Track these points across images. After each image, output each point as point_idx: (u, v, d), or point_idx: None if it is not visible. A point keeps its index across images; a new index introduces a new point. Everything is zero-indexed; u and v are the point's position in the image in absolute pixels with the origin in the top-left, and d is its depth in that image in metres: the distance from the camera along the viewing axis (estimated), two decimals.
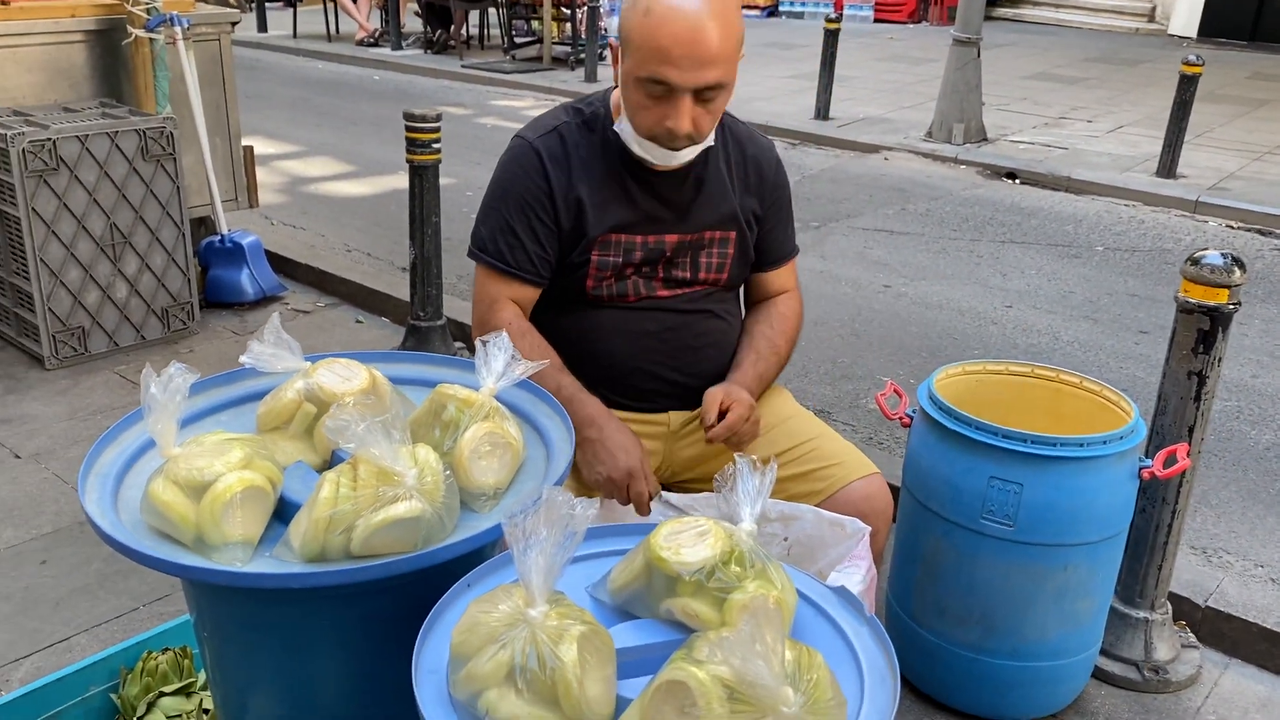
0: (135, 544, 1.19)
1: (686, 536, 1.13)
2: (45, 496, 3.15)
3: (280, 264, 4.88)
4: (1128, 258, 5.51)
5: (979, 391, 2.42)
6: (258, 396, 1.50)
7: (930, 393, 2.29)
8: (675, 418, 2.03)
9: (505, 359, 1.43)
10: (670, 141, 1.79)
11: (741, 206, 1.99)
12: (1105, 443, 2.13)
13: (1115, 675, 2.46)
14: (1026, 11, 14.70)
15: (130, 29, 4.10)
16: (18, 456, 3.37)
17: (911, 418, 2.36)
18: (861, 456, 2.04)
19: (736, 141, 2.00)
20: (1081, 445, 2.12)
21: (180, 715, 1.80)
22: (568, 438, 1.47)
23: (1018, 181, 6.94)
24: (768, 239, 2.06)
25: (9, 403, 3.71)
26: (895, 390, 2.41)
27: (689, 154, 1.84)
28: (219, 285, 4.54)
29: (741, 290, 2.16)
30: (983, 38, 7.48)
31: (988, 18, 9.14)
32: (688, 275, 1.99)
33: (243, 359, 1.41)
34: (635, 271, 1.95)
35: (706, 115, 1.77)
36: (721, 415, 1.88)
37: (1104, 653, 2.47)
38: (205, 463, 1.22)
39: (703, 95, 1.74)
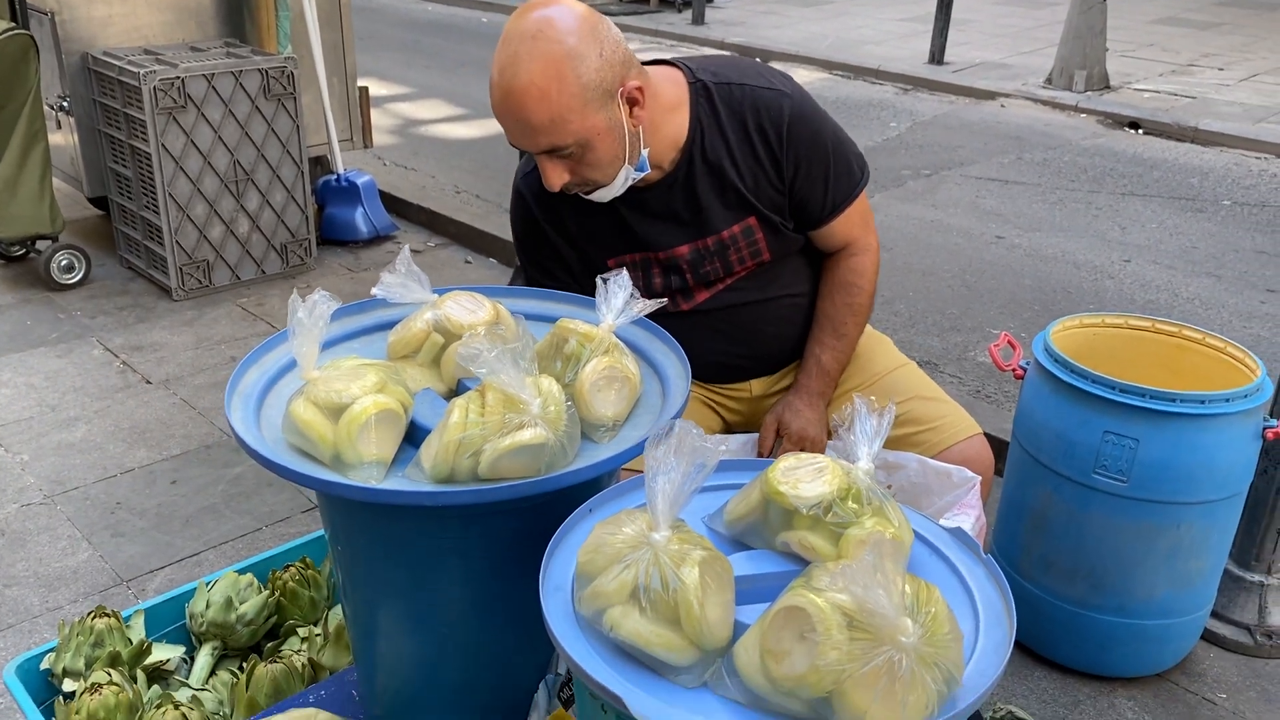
0: (279, 459, 1.26)
1: (804, 472, 1.15)
2: (174, 420, 3.32)
3: (392, 204, 4.99)
4: (1257, 212, 5.27)
5: (1096, 345, 2.37)
6: (387, 326, 1.56)
7: (1046, 344, 2.25)
8: (757, 385, 2.04)
9: (625, 296, 1.46)
10: (565, 191, 1.72)
11: (753, 187, 1.81)
12: (1228, 400, 2.07)
13: (1225, 638, 2.42)
14: None
15: None
16: (148, 382, 3.55)
17: (1025, 370, 2.32)
18: (963, 415, 1.99)
19: (734, 113, 1.78)
20: (1203, 402, 2.07)
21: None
22: (683, 374, 1.50)
23: (1141, 131, 6.67)
24: (806, 197, 1.84)
25: (140, 331, 3.90)
26: (1009, 342, 2.37)
27: (614, 190, 1.72)
28: (334, 223, 4.68)
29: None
30: None
31: None
32: (721, 273, 1.88)
33: (374, 290, 1.46)
34: (665, 286, 1.88)
35: (582, 167, 1.66)
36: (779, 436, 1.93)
37: (1215, 615, 2.42)
38: (343, 385, 1.28)
39: (557, 154, 1.63)
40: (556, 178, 1.66)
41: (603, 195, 1.73)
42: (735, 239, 1.85)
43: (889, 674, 0.90)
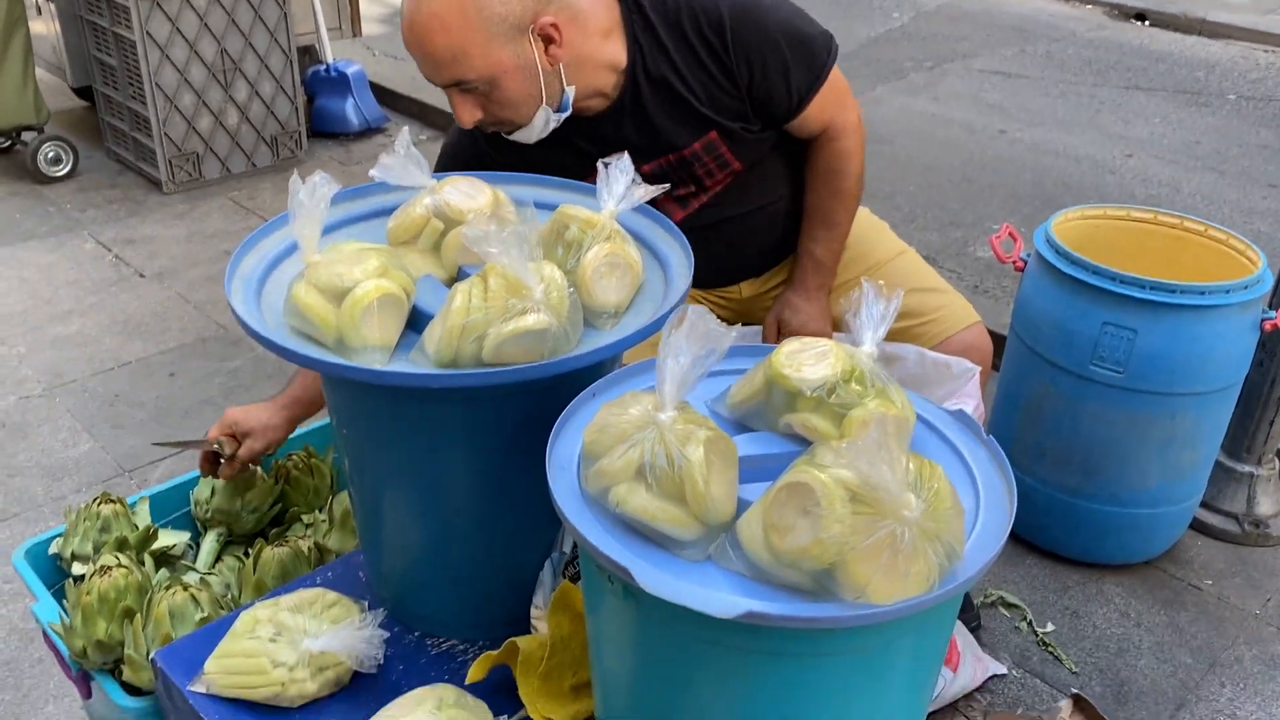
0: (285, 342, 1.26)
1: (808, 355, 1.15)
2: (170, 314, 3.31)
3: (383, 95, 4.90)
4: (1262, 107, 5.20)
5: (1097, 237, 2.36)
6: (385, 213, 1.54)
7: (1047, 235, 2.24)
8: (746, 288, 2.03)
9: (626, 181, 1.44)
10: (482, 130, 1.69)
11: (706, 99, 1.73)
12: (1228, 291, 2.07)
13: (1214, 527, 2.46)
14: None
15: None
16: (142, 275, 3.53)
17: (1026, 262, 2.32)
18: (962, 304, 1.98)
19: (671, 25, 1.69)
20: (1202, 293, 2.07)
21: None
22: (686, 261, 1.49)
23: (1147, 23, 6.54)
24: (769, 96, 1.74)
25: (131, 225, 3.86)
26: (1010, 234, 2.36)
27: (535, 132, 1.67)
28: (325, 115, 4.60)
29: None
30: None
31: None
32: (693, 189, 1.83)
33: (373, 172, 1.44)
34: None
35: (492, 105, 1.61)
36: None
37: (1204, 505, 2.47)
38: (345, 269, 1.27)
39: (465, 88, 1.59)
40: (468, 114, 1.63)
41: (523, 136, 1.68)
42: (698, 155, 1.79)
43: (891, 547, 0.92)
